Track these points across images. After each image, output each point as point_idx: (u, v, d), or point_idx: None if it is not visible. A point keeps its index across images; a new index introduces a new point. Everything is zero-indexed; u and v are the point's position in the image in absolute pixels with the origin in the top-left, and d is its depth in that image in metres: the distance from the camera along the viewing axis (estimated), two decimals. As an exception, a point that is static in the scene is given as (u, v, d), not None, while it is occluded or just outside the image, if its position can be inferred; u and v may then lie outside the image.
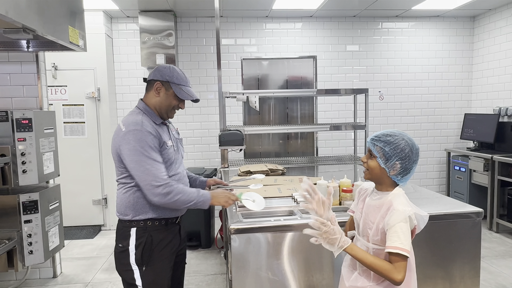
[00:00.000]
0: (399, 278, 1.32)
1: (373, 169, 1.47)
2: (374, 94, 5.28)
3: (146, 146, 1.72)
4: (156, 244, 1.82)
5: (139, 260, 1.79)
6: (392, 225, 1.36)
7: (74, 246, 4.33)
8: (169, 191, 1.71)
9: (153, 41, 4.71)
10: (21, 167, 2.84)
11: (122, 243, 1.82)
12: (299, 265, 1.92)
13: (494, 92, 5.07)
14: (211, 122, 5.17)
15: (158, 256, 1.84)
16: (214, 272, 3.57)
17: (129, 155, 1.71)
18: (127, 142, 1.71)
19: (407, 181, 1.48)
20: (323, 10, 4.90)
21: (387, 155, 1.43)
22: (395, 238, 1.34)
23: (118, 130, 1.79)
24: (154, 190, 1.70)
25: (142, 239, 1.79)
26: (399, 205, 1.39)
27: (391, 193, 1.46)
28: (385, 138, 1.44)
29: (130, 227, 1.80)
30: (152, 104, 1.89)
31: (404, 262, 1.34)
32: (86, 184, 4.76)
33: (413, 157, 1.44)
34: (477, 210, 2.03)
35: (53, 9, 2.34)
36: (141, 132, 1.73)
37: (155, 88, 1.86)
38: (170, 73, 1.87)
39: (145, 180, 1.70)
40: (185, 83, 1.91)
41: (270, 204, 2.22)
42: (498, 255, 3.80)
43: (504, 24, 4.87)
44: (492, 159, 4.36)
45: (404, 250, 1.33)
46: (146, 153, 1.71)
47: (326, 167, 3.66)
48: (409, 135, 1.49)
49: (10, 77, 3.28)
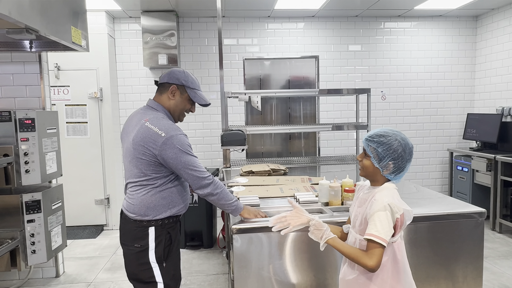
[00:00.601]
0: (370, 264, 1.37)
1: (367, 168, 1.53)
2: (376, 94, 5.27)
3: (190, 148, 1.86)
4: (174, 240, 1.94)
5: (160, 257, 1.86)
6: (371, 215, 1.42)
7: (77, 245, 4.34)
8: (215, 184, 1.87)
9: (155, 41, 4.72)
10: (24, 167, 2.85)
11: (139, 243, 1.85)
12: (301, 265, 1.92)
13: (497, 92, 5.05)
14: (213, 122, 5.17)
15: (174, 251, 1.96)
16: (216, 272, 3.57)
17: (176, 158, 1.79)
18: (172, 147, 1.79)
19: (401, 179, 1.53)
20: (325, 10, 4.89)
21: (380, 156, 1.48)
22: (372, 226, 1.40)
23: (152, 133, 1.79)
24: (201, 182, 1.83)
25: (161, 236, 1.87)
26: (380, 196, 1.45)
27: (380, 187, 1.52)
28: (379, 139, 1.49)
29: (148, 227, 1.85)
30: (167, 107, 1.95)
31: (378, 249, 1.38)
32: (88, 184, 4.77)
33: (406, 157, 1.49)
34: (480, 210, 2.03)
35: (56, 9, 2.35)
36: (183, 136, 1.84)
37: (170, 91, 1.92)
38: (186, 77, 1.94)
39: (195, 176, 1.82)
40: (199, 88, 1.99)
41: (272, 204, 2.22)
42: (501, 255, 3.79)
43: (507, 23, 4.85)
44: (495, 159, 4.35)
45: (378, 238, 1.37)
46: (191, 153, 1.84)
47: (328, 167, 3.66)
48: (402, 134, 1.53)
49: (13, 77, 3.30)
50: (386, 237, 1.38)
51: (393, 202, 1.42)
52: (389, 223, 1.40)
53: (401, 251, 1.51)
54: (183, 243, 4.13)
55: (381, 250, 1.38)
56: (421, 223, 1.96)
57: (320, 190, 2.19)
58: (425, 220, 1.97)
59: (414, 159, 5.49)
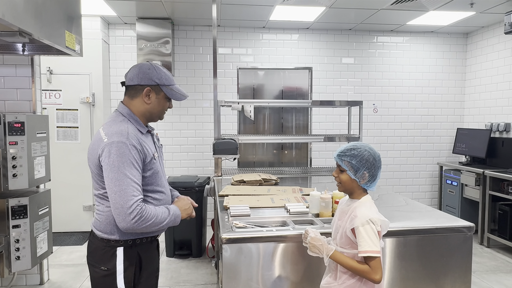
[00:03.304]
0: (377, 278, 1.50)
1: (345, 182, 1.63)
2: (368, 106, 5.32)
3: (127, 162, 1.53)
4: (145, 263, 1.70)
5: (129, 283, 1.63)
6: (357, 231, 1.51)
7: (63, 252, 4.26)
8: (141, 217, 1.53)
9: (150, 48, 4.72)
10: (11, 171, 2.79)
11: (106, 265, 1.61)
12: (291, 276, 1.91)
13: (486, 108, 5.14)
14: (206, 130, 5.16)
15: (147, 275, 1.72)
16: (204, 282, 3.52)
17: (107, 170, 1.53)
18: (108, 155, 1.53)
19: (375, 186, 1.65)
20: (319, 23, 4.96)
21: (355, 168, 1.59)
22: (363, 243, 1.49)
23: (98, 139, 1.60)
24: (125, 216, 1.51)
25: (131, 259, 1.64)
26: (360, 212, 1.54)
27: (358, 201, 1.61)
28: (350, 153, 1.60)
29: (116, 247, 1.62)
30: (141, 112, 1.70)
31: (377, 261, 1.49)
32: (77, 190, 4.71)
33: (377, 164, 1.61)
34: (469, 224, 2.04)
35: (50, 13, 2.34)
36: (125, 145, 1.55)
37: (145, 94, 1.67)
38: (158, 74, 1.68)
39: (117, 202, 1.52)
40: (173, 82, 1.74)
41: (263, 214, 2.21)
42: (489, 270, 3.81)
43: (496, 41, 4.96)
44: (484, 174, 4.40)
45: (373, 252, 1.48)
46: (124, 170, 1.52)
47: (319, 178, 3.66)
48: (369, 145, 1.66)
49: (4, 80, 3.26)
50: (378, 248, 1.50)
51: (373, 217, 1.52)
52: (375, 234, 1.51)
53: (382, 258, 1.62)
54: (171, 251, 4.08)
55: (379, 260, 1.50)
56: (410, 236, 1.97)
57: (311, 201, 2.19)
58: (414, 234, 1.98)
59: (404, 172, 5.54)
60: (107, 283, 1.62)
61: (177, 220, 1.72)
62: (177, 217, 1.71)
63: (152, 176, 1.68)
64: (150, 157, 1.66)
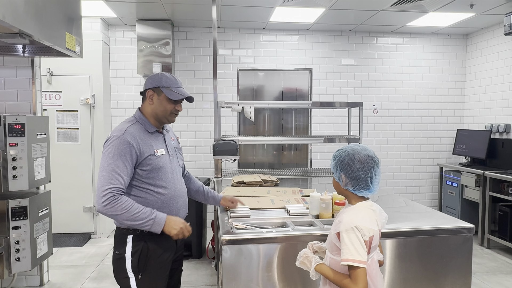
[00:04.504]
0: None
1: (335, 185, 1.58)
2: (368, 107, 5.32)
3: (116, 154, 1.74)
4: (152, 252, 1.83)
5: (135, 267, 1.80)
6: (341, 237, 1.41)
7: (63, 253, 4.26)
8: (111, 204, 1.69)
9: (150, 49, 4.73)
10: (11, 172, 2.80)
11: (119, 250, 1.83)
12: (291, 277, 1.91)
13: (486, 109, 5.14)
14: (206, 131, 5.17)
15: (154, 264, 1.84)
16: (204, 283, 3.52)
17: (102, 158, 1.78)
18: (105, 148, 1.79)
19: (368, 191, 1.49)
20: (319, 24, 4.96)
21: (333, 170, 1.54)
22: (346, 251, 1.38)
23: None
24: (98, 199, 1.71)
25: (138, 247, 1.81)
26: (345, 218, 1.43)
27: (351, 207, 1.52)
28: (334, 155, 1.56)
29: (127, 234, 1.82)
30: (148, 113, 1.93)
31: (360, 271, 1.36)
32: (77, 191, 4.71)
33: (355, 165, 1.46)
34: (469, 225, 2.04)
35: (50, 15, 2.35)
36: (118, 139, 1.76)
37: (148, 96, 1.91)
38: (159, 78, 1.91)
39: (97, 185, 1.74)
40: (175, 84, 1.92)
41: (263, 215, 2.21)
42: (489, 271, 3.80)
43: (496, 42, 4.97)
44: (484, 175, 4.40)
45: (355, 261, 1.36)
46: (110, 160, 1.73)
47: (319, 179, 3.66)
48: (360, 147, 1.51)
49: (5, 82, 3.26)
50: (362, 257, 1.36)
51: (360, 225, 1.39)
52: (360, 243, 1.38)
53: (370, 275, 1.45)
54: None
55: (362, 270, 1.36)
56: (410, 237, 1.97)
57: (311, 202, 2.19)
58: (414, 235, 1.98)
59: (404, 173, 5.54)
60: (119, 265, 1.83)
61: (157, 229, 1.77)
62: (158, 225, 1.76)
63: (152, 171, 1.83)
64: (149, 153, 1.83)
